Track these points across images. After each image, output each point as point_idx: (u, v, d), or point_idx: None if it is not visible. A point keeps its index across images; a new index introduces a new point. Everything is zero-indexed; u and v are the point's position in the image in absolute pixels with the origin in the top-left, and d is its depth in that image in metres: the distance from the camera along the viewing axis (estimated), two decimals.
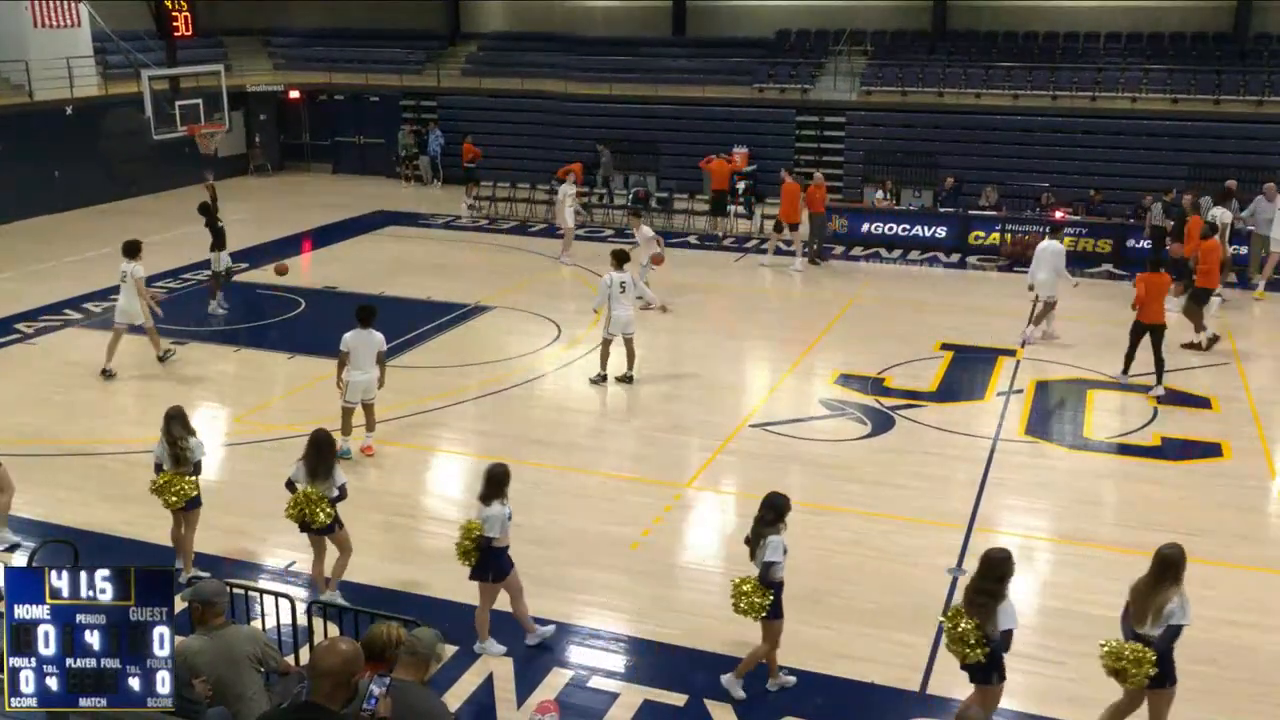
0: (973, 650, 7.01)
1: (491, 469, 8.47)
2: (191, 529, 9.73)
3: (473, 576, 8.57)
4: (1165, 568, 7.05)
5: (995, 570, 7.05)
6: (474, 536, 8.36)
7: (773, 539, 7.84)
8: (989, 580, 7.03)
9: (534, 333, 16.80)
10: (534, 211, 25.87)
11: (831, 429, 13.20)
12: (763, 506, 8.00)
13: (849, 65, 27.99)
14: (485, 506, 8.35)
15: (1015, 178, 24.44)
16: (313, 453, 9.03)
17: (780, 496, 8.00)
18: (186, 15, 25.50)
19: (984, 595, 7.02)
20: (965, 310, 18.27)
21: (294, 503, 9.00)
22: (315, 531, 9.10)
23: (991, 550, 7.21)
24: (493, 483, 8.38)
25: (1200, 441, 12.83)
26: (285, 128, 32.64)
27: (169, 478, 9.39)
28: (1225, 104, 24.67)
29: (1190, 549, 10.02)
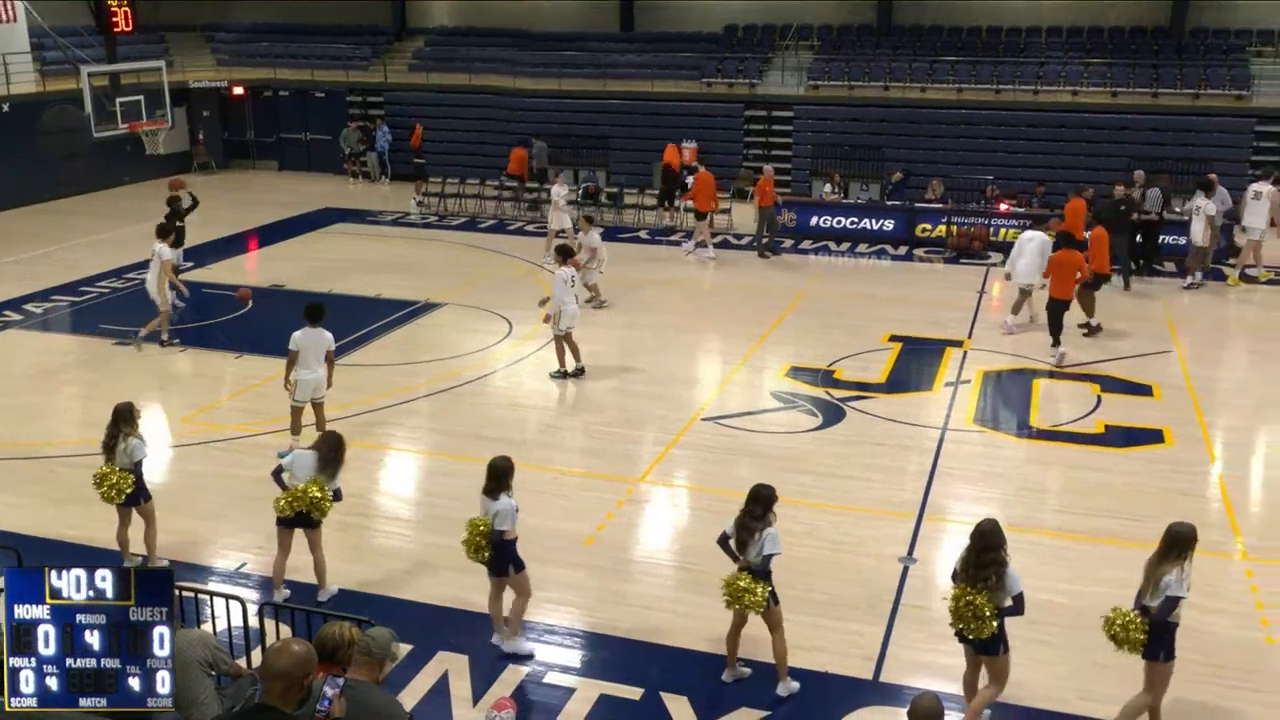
0: (988, 623, 7.21)
1: (495, 462, 8.42)
2: (150, 522, 9.65)
3: (495, 573, 8.51)
4: (1172, 543, 7.30)
5: (996, 539, 7.31)
6: (484, 532, 8.32)
7: (770, 531, 7.85)
8: (992, 550, 7.27)
9: (485, 329, 16.75)
10: (483, 207, 25.81)
11: (783, 421, 13.30)
12: (751, 501, 7.92)
13: (796, 60, 28.22)
14: (493, 500, 8.31)
15: (960, 171, 24.78)
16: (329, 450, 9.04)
17: (766, 488, 7.95)
18: (127, 10, 25.00)
19: (993, 566, 7.24)
20: (913, 302, 18.49)
21: (292, 496, 8.91)
22: (304, 526, 9.04)
23: (983, 523, 7.40)
24: (498, 476, 8.35)
25: (1143, 428, 13.09)
26: (229, 125, 32.18)
27: (105, 470, 9.35)
28: (1163, 97, 25.17)
29: (1132, 534, 10.38)
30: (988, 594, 7.23)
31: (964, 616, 7.27)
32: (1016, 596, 7.32)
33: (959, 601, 7.31)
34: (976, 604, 7.21)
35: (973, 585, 7.28)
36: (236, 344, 16.05)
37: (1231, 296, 18.94)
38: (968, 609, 7.24)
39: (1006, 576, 7.27)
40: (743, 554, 7.90)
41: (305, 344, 11.93)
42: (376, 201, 27.05)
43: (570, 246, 15.12)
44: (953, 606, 7.38)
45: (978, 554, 7.30)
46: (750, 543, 7.85)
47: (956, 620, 7.38)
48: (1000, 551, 7.27)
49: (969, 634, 7.33)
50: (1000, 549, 7.28)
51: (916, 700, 6.01)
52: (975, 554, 7.31)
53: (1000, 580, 7.24)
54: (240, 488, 11.42)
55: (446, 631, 8.86)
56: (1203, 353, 15.83)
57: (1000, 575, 7.25)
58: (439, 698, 8.06)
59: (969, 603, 7.23)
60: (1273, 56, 25.49)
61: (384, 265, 20.62)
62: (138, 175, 28.42)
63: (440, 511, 11.01)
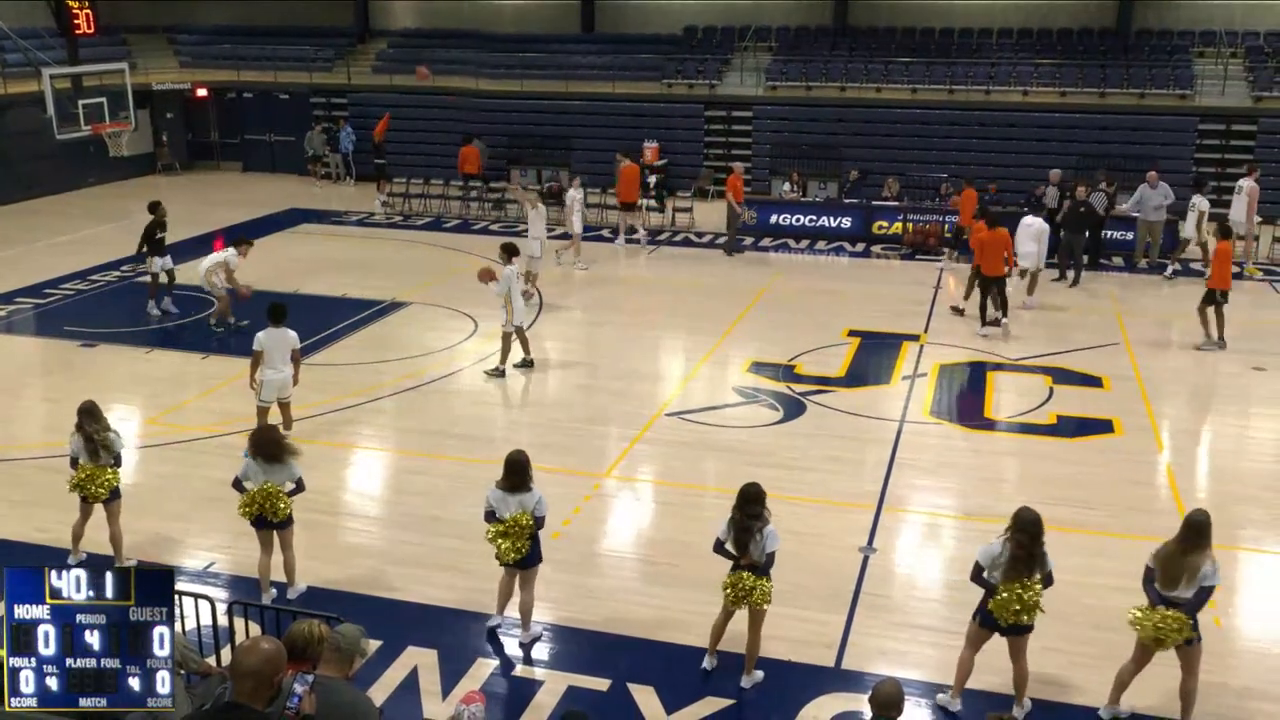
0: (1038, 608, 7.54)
1: (515, 456, 8.48)
2: (115, 519, 9.70)
3: (529, 564, 8.61)
4: (1199, 532, 7.43)
5: (1039, 527, 7.52)
6: (528, 527, 8.40)
7: (769, 528, 7.98)
8: (1039, 540, 7.52)
9: (450, 328, 16.84)
10: (448, 207, 25.89)
11: (745, 416, 13.51)
12: (749, 502, 7.96)
13: (755, 61, 28.48)
14: (526, 493, 8.42)
15: (915, 169, 25.17)
16: (267, 446, 9.06)
17: (756, 486, 8.04)
18: (88, 12, 24.85)
19: (1036, 554, 7.51)
20: (871, 298, 18.79)
21: (250, 499, 8.99)
22: (273, 526, 9.10)
23: (1025, 511, 7.58)
24: (523, 470, 8.44)
25: (1094, 419, 13.42)
26: (193, 126, 32.03)
27: (91, 470, 9.37)
28: (1110, 97, 25.67)
29: (1085, 521, 10.69)
30: (1037, 582, 7.53)
31: (1029, 609, 7.50)
32: (1048, 573, 7.63)
33: (1026, 595, 7.47)
34: (1031, 595, 7.48)
35: (1028, 577, 7.49)
36: (202, 345, 16.07)
37: (1171, 290, 19.39)
38: (1033, 599, 7.48)
39: (1045, 558, 7.60)
40: (744, 554, 7.98)
41: (269, 344, 12.03)
42: (341, 202, 27.01)
43: (514, 244, 15.22)
44: (1015, 606, 7.48)
45: (1031, 543, 7.49)
46: (752, 542, 7.95)
47: (1020, 615, 7.51)
48: (1042, 536, 7.54)
49: (1029, 621, 7.57)
50: (1042, 534, 7.54)
51: (877, 687, 6.21)
52: (1031, 543, 7.48)
53: (1043, 561, 7.58)
54: (207, 488, 11.43)
55: (415, 627, 8.95)
56: (1150, 345, 16.20)
57: (1041, 560, 7.56)
58: (408, 693, 8.13)
59: (1023, 595, 7.46)
60: (1214, 57, 26.06)
61: (349, 265, 20.65)
62: (102, 177, 28.24)
63: (408, 509, 11.12)
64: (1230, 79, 25.20)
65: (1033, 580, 7.52)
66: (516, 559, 8.49)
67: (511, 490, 8.44)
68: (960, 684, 7.99)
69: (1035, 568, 7.53)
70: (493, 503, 8.51)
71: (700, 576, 9.09)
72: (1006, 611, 7.53)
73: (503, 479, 8.49)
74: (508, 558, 8.49)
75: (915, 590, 9.73)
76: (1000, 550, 7.59)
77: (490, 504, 8.53)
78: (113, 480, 9.51)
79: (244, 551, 9.99)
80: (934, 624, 9.08)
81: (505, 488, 8.46)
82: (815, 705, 8.05)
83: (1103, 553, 10.17)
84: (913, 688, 7.99)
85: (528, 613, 8.85)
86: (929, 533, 10.89)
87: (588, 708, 7.77)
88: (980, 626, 7.78)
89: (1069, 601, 8.97)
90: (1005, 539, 7.58)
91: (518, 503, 8.43)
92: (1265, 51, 26.10)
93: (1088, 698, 8.10)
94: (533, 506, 8.45)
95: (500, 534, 8.45)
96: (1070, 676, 8.31)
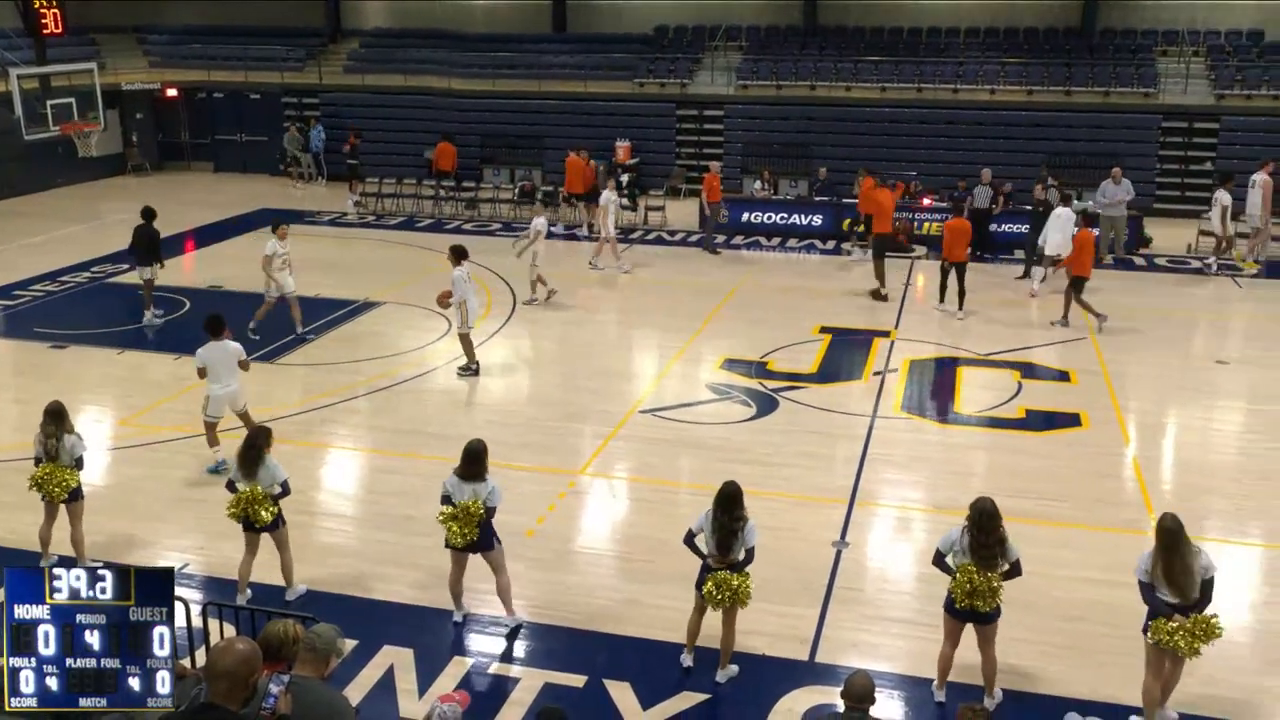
0: (998, 593, 7.67)
1: (473, 445, 8.65)
2: (77, 521, 9.67)
3: (482, 549, 8.77)
4: (1176, 535, 7.42)
5: (996, 519, 7.67)
6: (477, 514, 8.57)
7: (750, 525, 8.10)
8: (997, 530, 7.65)
9: (423, 327, 16.85)
10: (420, 206, 25.86)
11: (718, 412, 13.60)
12: (730, 504, 8.02)
13: (725, 60, 28.61)
14: (480, 482, 8.58)
15: (884, 167, 25.29)
16: (244, 450, 9.08)
17: (735, 486, 8.11)
18: (56, 12, 24.60)
19: (999, 544, 7.65)
20: (841, 295, 18.93)
21: (235, 502, 9.04)
22: (259, 530, 9.13)
23: (984, 502, 7.74)
24: (479, 459, 8.60)
25: (1061, 413, 13.60)
26: (163, 126, 31.84)
27: (50, 469, 9.39)
28: (1075, 95, 25.97)
29: (1054, 513, 10.85)
30: (998, 572, 7.66)
31: (981, 594, 7.62)
32: (1015, 562, 7.75)
33: (977, 581, 7.61)
34: (990, 578, 7.62)
35: (983, 563, 7.63)
36: (174, 346, 15.99)
37: (1138, 285, 19.68)
38: (984, 585, 7.60)
39: (1008, 548, 7.71)
40: (727, 555, 8.06)
41: (211, 359, 11.57)
42: (313, 202, 26.91)
43: (463, 246, 15.16)
44: (966, 588, 7.64)
45: (984, 534, 7.64)
46: (735, 543, 8.05)
47: (971, 599, 7.66)
48: (1001, 529, 7.69)
49: (984, 608, 7.68)
50: (1001, 526, 7.69)
51: (850, 679, 6.28)
52: (982, 534, 7.64)
53: (1004, 551, 7.69)
54: (180, 489, 11.46)
55: (391, 626, 8.97)
56: (1116, 339, 16.40)
57: (1004, 548, 7.68)
58: (385, 692, 8.15)
59: (985, 579, 7.60)
60: (1176, 56, 26.40)
61: (322, 265, 20.55)
62: (71, 178, 28.02)
63: (383, 508, 11.14)
64: (1192, 78, 25.55)
65: (995, 570, 7.64)
66: (464, 543, 8.66)
67: (466, 478, 8.63)
68: (942, 677, 8.12)
69: (996, 557, 7.66)
70: (449, 488, 8.73)
71: (675, 572, 9.15)
72: (960, 593, 7.69)
73: (459, 467, 8.68)
74: (455, 541, 8.68)
75: (887, 584, 9.84)
76: (959, 537, 7.77)
77: (446, 489, 8.74)
78: (71, 481, 9.47)
79: (217, 553, 10.01)
80: (906, 616, 9.20)
81: (461, 475, 8.66)
82: (790, 699, 8.12)
83: (1070, 544, 10.33)
84: (885, 680, 8.11)
85: (506, 596, 8.96)
86: (901, 526, 11.01)
87: (564, 704, 7.76)
88: (949, 616, 7.91)
89: (1037, 593, 9.12)
90: (964, 527, 7.77)
91: (471, 490, 8.61)
92: (1226, 50, 26.48)
93: (1057, 688, 8.23)
94: (485, 496, 8.61)
95: (451, 517, 8.63)
96: (1040, 667, 8.44)
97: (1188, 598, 7.39)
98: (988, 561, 7.64)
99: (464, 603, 9.10)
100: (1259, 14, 26.97)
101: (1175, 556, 7.39)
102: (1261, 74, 25.39)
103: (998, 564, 7.67)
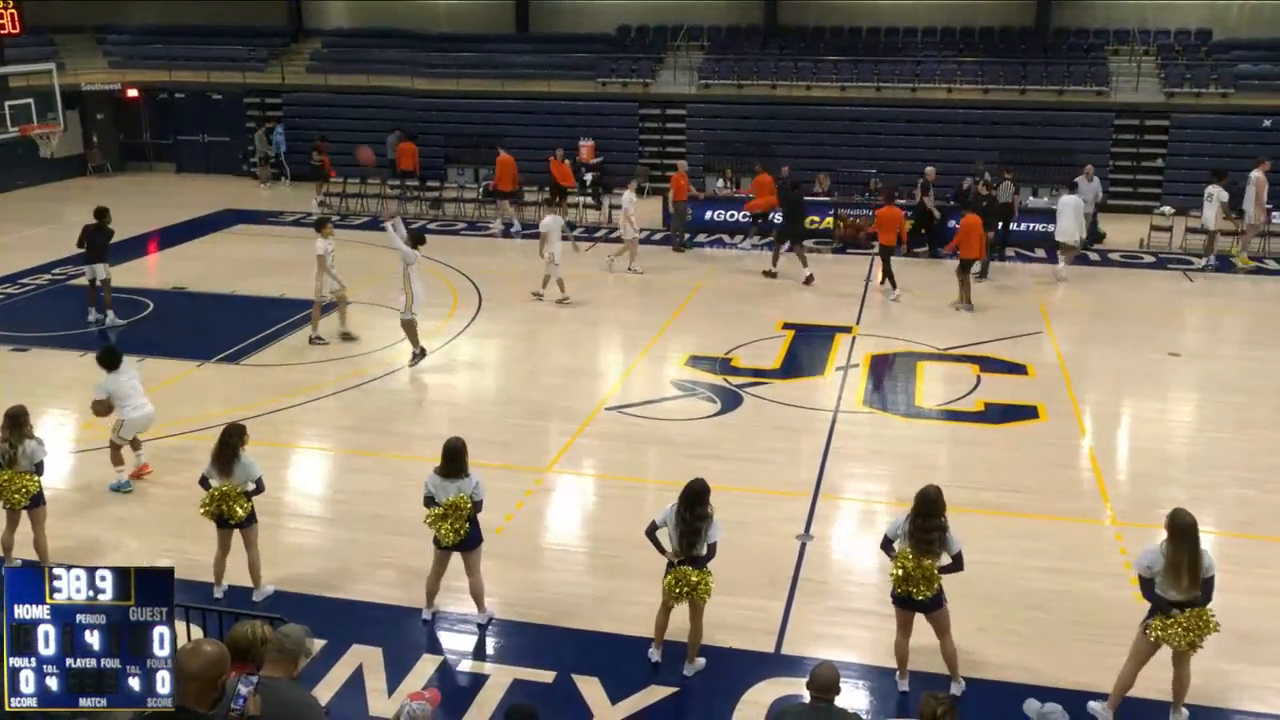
0: (935, 581, 7.77)
1: (453, 443, 8.68)
2: (39, 526, 9.62)
3: (470, 547, 8.81)
4: (1193, 532, 7.40)
5: (938, 506, 7.78)
6: (466, 511, 8.62)
7: (715, 521, 8.18)
8: (936, 516, 7.76)
9: (389, 326, 16.67)
10: (385, 206, 25.75)
11: (684, 409, 13.72)
12: (695, 502, 8.06)
13: (687, 60, 28.76)
14: (466, 479, 8.61)
15: (845, 165, 25.61)
16: (220, 448, 9.10)
17: (701, 483, 8.15)
18: (13, 12, 24.26)
19: (937, 530, 7.75)
20: (804, 291, 19.14)
21: (210, 499, 9.06)
22: (232, 526, 9.15)
23: (927, 489, 7.85)
24: (460, 456, 8.63)
25: (1019, 405, 13.83)
26: (124, 127, 31.60)
27: (9, 475, 9.35)
28: (1030, 93, 26.38)
29: (1013, 505, 11.06)
30: (934, 558, 7.77)
31: (915, 580, 7.74)
32: (956, 555, 7.86)
33: (910, 566, 7.74)
34: (925, 566, 7.73)
35: (919, 550, 7.75)
36: (137, 347, 15.85)
37: (1092, 279, 20.03)
38: (918, 571, 7.73)
39: (949, 538, 7.82)
40: (691, 550, 8.13)
41: (114, 388, 11.30)
42: (277, 202, 26.78)
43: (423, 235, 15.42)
44: (901, 573, 7.79)
45: (924, 519, 7.76)
46: (699, 540, 8.12)
47: (906, 585, 7.80)
48: (942, 517, 7.79)
49: (918, 595, 7.80)
50: (942, 514, 7.80)
51: (815, 671, 6.36)
52: (921, 520, 7.77)
53: (943, 542, 7.80)
54: (144, 491, 11.41)
55: (360, 625, 8.99)
56: (1072, 333, 16.70)
57: (943, 538, 7.79)
58: (354, 691, 8.16)
59: (919, 565, 7.73)
60: (1128, 55, 26.87)
61: (286, 265, 20.47)
62: (31, 179, 27.77)
63: (351, 508, 11.16)
64: (1143, 76, 26.03)
65: (923, 555, 7.75)
66: (456, 540, 8.69)
67: (449, 476, 8.66)
68: (902, 666, 8.25)
69: (934, 544, 7.77)
70: (431, 488, 8.74)
71: (643, 567, 9.23)
72: (896, 579, 7.85)
73: (440, 465, 8.71)
74: (448, 540, 8.69)
75: (851, 575, 9.97)
76: (904, 522, 7.93)
77: (429, 489, 8.76)
78: (31, 487, 9.41)
79: (184, 554, 9.98)
80: (870, 607, 9.30)
81: (443, 474, 8.68)
82: (756, 690, 8.20)
83: (1030, 534, 10.54)
84: (850, 670, 8.22)
85: (480, 595, 9.02)
86: (863, 519, 11.17)
87: (534, 700, 7.79)
88: (896, 605, 8.05)
89: (999, 583, 9.32)
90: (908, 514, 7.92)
91: (455, 488, 8.65)
92: (1175, 49, 26.99)
93: (1020, 675, 8.36)
94: (471, 490, 8.67)
95: (439, 517, 8.66)
96: (1002, 655, 8.58)
97: (1191, 595, 7.45)
98: (925, 547, 7.75)
99: (435, 601, 9.14)
100: (1207, 13, 27.55)
101: (1187, 553, 7.39)
102: (1209, 72, 25.92)
103: (935, 551, 7.78)
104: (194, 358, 15.33)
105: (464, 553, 8.86)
